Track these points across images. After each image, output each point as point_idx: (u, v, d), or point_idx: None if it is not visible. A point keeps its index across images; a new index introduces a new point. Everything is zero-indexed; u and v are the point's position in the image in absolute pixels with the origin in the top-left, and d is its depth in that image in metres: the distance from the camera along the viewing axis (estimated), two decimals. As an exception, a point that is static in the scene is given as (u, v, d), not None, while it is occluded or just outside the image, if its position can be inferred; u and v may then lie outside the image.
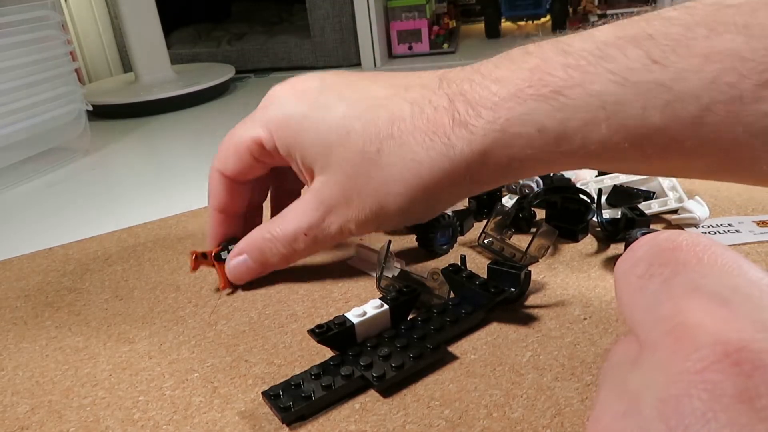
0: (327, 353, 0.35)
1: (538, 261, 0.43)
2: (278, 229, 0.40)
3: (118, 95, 1.21)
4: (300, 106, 0.38)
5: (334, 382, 0.31)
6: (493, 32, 1.68)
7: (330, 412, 0.32)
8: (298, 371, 0.34)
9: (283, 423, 0.31)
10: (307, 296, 0.43)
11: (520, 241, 0.46)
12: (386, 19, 1.54)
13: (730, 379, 0.11)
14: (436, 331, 0.35)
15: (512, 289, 0.37)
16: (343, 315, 0.35)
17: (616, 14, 1.41)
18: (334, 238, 0.39)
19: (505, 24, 1.79)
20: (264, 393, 0.32)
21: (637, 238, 0.17)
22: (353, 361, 0.33)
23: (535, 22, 1.79)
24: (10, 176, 0.84)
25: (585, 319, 0.37)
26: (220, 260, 0.45)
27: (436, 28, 1.54)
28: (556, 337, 0.35)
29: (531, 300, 0.40)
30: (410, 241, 0.50)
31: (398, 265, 0.42)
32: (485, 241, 0.46)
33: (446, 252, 0.47)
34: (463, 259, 0.40)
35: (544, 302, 0.39)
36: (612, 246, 0.45)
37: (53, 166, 0.89)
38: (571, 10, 1.60)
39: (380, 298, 0.36)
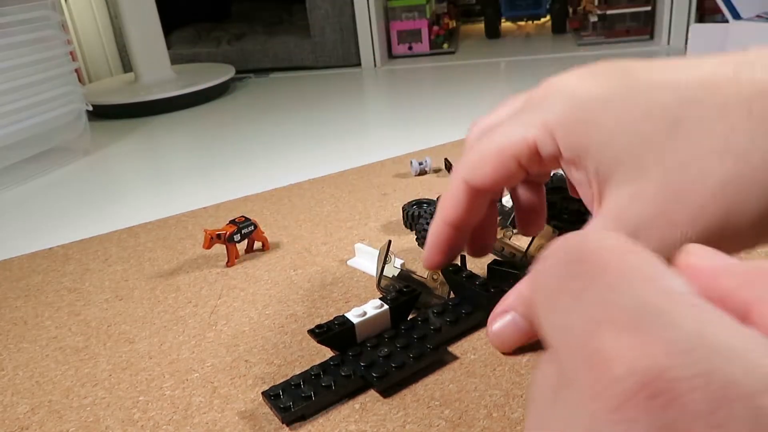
0: (327, 353, 0.35)
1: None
2: None
3: (118, 95, 1.21)
4: (597, 91, 0.28)
5: (334, 382, 0.31)
6: (493, 32, 1.68)
7: (330, 412, 0.32)
8: (298, 371, 0.34)
9: (283, 423, 0.31)
10: (307, 296, 0.43)
11: (520, 241, 0.46)
12: (386, 19, 1.54)
13: (646, 416, 0.10)
14: (436, 331, 0.35)
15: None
16: (343, 315, 0.35)
17: (616, 14, 1.41)
18: None
19: (505, 24, 1.79)
20: (264, 393, 0.32)
21: None
22: (353, 361, 0.33)
23: (535, 22, 1.79)
24: (10, 176, 0.84)
25: (585, 319, 0.37)
26: (232, 241, 0.49)
27: (436, 28, 1.54)
28: (556, 337, 0.35)
29: (531, 300, 0.39)
30: (410, 241, 0.50)
31: (398, 266, 0.42)
32: (485, 241, 0.46)
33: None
34: (463, 259, 0.40)
35: (544, 302, 0.39)
36: (612, 246, 0.45)
37: (53, 166, 0.89)
38: (571, 10, 1.60)
39: (380, 299, 0.36)
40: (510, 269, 0.39)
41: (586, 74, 0.29)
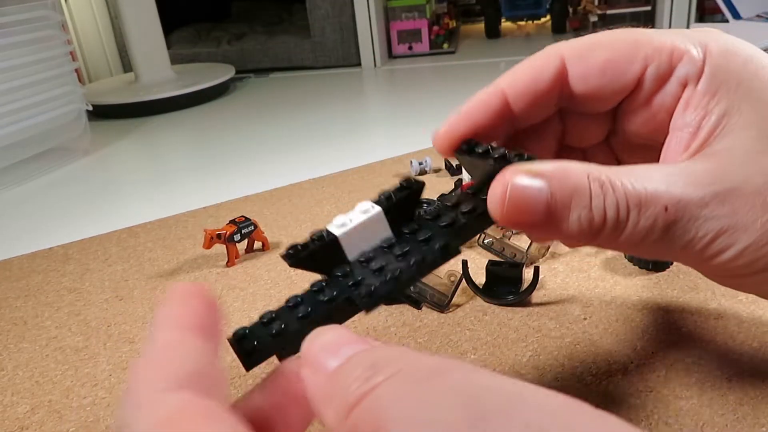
0: None
1: (538, 261, 0.43)
2: (625, 180, 0.23)
3: (118, 95, 1.21)
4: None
5: (311, 310, 0.23)
6: (493, 32, 1.68)
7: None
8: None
9: (247, 371, 0.23)
10: (307, 296, 0.43)
11: (520, 241, 0.46)
12: (386, 19, 1.54)
13: None
14: (449, 226, 0.25)
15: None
16: (323, 229, 0.25)
17: (616, 14, 1.41)
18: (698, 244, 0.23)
19: (505, 24, 1.79)
20: (228, 339, 0.22)
21: None
22: (340, 283, 0.24)
23: (535, 22, 1.79)
24: (10, 176, 0.84)
25: (585, 319, 0.37)
26: (232, 241, 0.49)
27: (436, 28, 1.54)
28: (556, 337, 0.35)
29: (531, 300, 0.40)
30: (410, 241, 0.50)
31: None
32: (485, 241, 0.46)
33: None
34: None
35: (544, 302, 0.39)
36: (612, 246, 0.45)
37: (53, 166, 0.89)
38: (571, 10, 1.60)
39: (372, 200, 0.26)
40: (510, 269, 0.39)
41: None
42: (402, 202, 0.26)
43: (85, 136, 0.96)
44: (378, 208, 0.25)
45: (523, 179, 0.23)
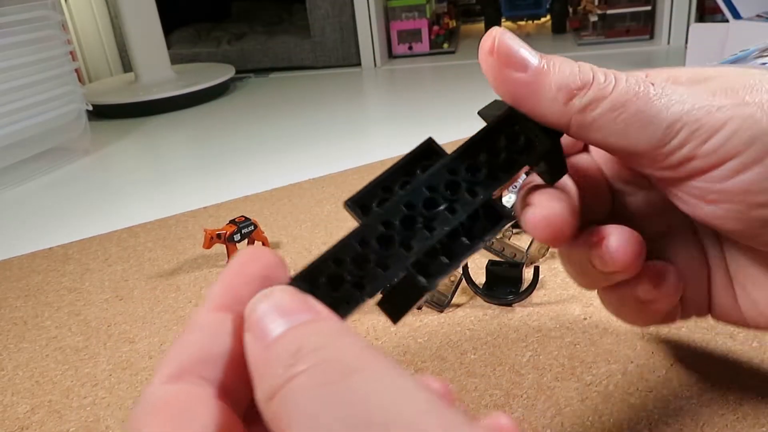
0: None
1: (538, 261, 0.43)
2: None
3: (118, 95, 1.21)
4: None
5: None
6: (493, 32, 1.68)
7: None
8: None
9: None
10: (307, 296, 0.43)
11: (520, 241, 0.46)
12: (386, 19, 1.54)
13: None
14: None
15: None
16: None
17: (616, 14, 1.41)
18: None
19: (505, 24, 1.79)
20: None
21: None
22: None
23: (535, 21, 1.79)
24: (10, 176, 0.84)
25: (585, 319, 0.37)
26: (231, 241, 0.49)
27: (436, 28, 1.54)
28: (556, 337, 0.35)
29: (531, 300, 0.40)
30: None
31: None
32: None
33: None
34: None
35: (544, 302, 0.39)
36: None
37: (53, 166, 0.89)
38: (571, 10, 1.60)
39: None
40: (510, 269, 0.39)
41: None
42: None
43: (85, 136, 0.96)
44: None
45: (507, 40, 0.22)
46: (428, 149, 0.22)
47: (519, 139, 0.22)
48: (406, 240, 0.20)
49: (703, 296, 0.27)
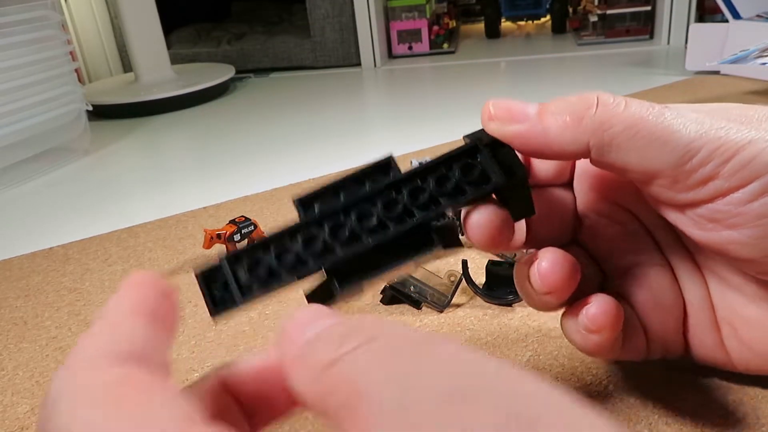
0: None
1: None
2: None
3: (118, 95, 1.21)
4: None
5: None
6: (493, 32, 1.68)
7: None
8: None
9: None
10: (307, 296, 0.43)
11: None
12: (386, 19, 1.54)
13: None
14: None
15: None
16: None
17: (616, 14, 1.41)
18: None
19: (505, 24, 1.79)
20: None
21: None
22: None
23: (535, 22, 1.79)
24: (10, 176, 0.84)
25: (585, 319, 0.37)
26: (231, 241, 0.49)
27: (436, 28, 1.54)
28: (556, 337, 0.35)
29: (531, 300, 0.40)
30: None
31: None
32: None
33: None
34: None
35: (544, 302, 0.39)
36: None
37: (53, 166, 0.89)
38: (571, 10, 1.60)
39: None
40: (510, 269, 0.38)
41: None
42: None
43: (85, 136, 0.96)
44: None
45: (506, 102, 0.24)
46: (386, 165, 0.23)
47: (474, 171, 0.23)
48: (330, 244, 0.22)
49: (677, 335, 0.27)
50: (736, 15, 1.00)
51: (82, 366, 0.14)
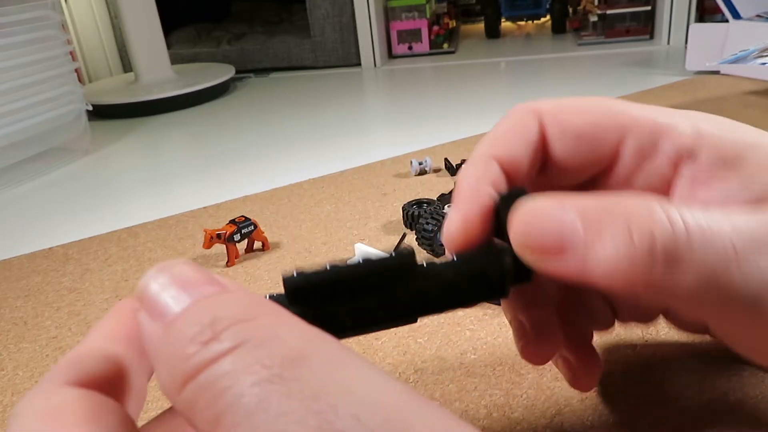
0: None
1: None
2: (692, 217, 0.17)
3: (118, 95, 1.21)
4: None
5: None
6: (493, 32, 1.68)
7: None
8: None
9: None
10: (307, 296, 0.43)
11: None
12: (386, 19, 1.54)
13: None
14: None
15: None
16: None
17: (616, 14, 1.41)
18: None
19: (505, 24, 1.79)
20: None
21: None
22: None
23: (535, 22, 1.79)
24: (10, 176, 0.84)
25: (585, 319, 0.37)
26: (231, 241, 0.48)
27: (436, 28, 1.54)
28: (556, 337, 0.35)
29: (531, 300, 0.40)
30: (410, 241, 0.50)
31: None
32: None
33: (445, 252, 0.47)
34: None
35: (544, 302, 0.39)
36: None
37: (53, 166, 0.89)
38: (571, 10, 1.60)
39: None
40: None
41: None
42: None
43: (85, 136, 0.96)
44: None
45: (543, 200, 0.18)
46: (404, 268, 0.20)
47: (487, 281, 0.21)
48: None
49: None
50: (736, 15, 1.00)
51: (40, 385, 0.14)
